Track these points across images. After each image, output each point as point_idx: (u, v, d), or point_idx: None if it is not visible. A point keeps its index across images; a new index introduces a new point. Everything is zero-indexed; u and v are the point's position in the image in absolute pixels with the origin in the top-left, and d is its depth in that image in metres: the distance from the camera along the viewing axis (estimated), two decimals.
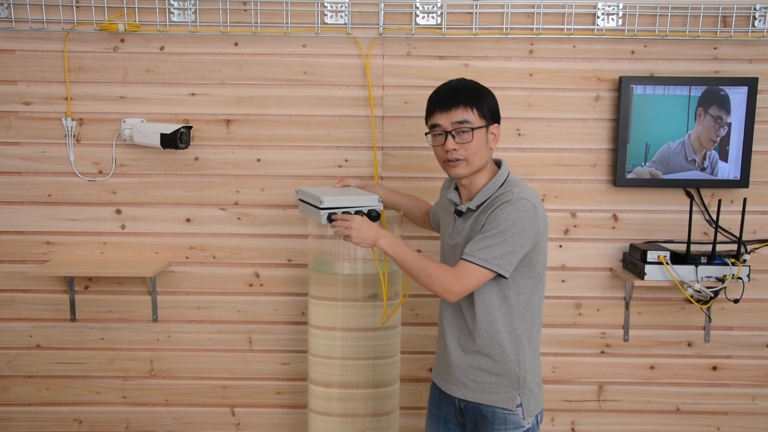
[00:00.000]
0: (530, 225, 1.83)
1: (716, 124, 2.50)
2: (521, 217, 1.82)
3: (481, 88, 1.95)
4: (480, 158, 1.92)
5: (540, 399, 1.97)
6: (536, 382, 1.96)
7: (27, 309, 2.68)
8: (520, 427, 1.91)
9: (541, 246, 1.90)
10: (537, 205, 1.86)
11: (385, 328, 2.38)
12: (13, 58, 2.54)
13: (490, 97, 1.95)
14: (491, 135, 1.94)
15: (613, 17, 2.49)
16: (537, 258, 1.91)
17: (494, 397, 1.92)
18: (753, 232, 2.61)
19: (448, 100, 1.92)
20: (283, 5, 2.49)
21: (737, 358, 2.70)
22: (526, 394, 1.92)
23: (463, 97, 1.91)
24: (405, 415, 2.68)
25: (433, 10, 2.49)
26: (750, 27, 2.50)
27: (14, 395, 2.73)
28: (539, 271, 1.93)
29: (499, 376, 1.92)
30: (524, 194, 1.86)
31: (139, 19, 2.50)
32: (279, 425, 2.75)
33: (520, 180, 1.96)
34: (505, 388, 1.91)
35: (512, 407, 1.91)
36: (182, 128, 2.47)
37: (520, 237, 1.82)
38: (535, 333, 1.96)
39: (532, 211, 1.83)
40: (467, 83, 1.95)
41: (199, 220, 2.63)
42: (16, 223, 2.62)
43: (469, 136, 1.89)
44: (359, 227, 1.95)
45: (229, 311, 2.68)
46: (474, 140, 1.90)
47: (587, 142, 2.58)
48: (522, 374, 1.91)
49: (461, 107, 1.90)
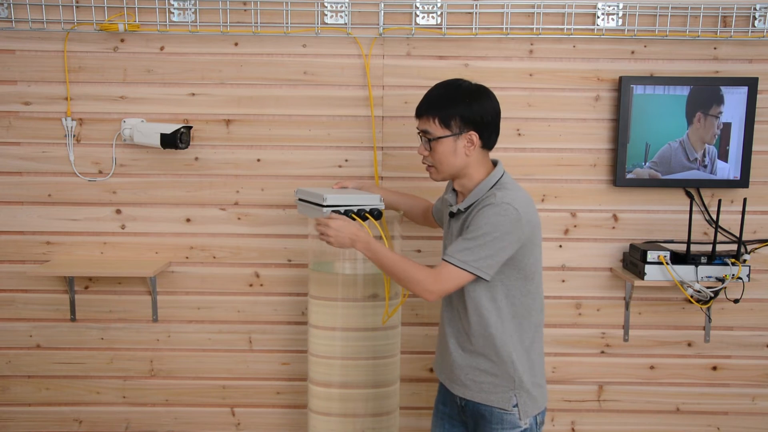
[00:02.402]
0: (512, 229, 1.82)
1: (708, 121, 2.49)
2: (502, 221, 1.81)
3: (457, 95, 1.92)
4: (448, 166, 1.94)
5: (540, 400, 1.97)
6: (534, 383, 1.95)
7: (27, 309, 2.68)
8: (517, 428, 1.92)
9: (529, 249, 1.89)
10: (521, 210, 1.83)
11: (385, 328, 2.38)
12: (13, 58, 2.54)
13: (467, 104, 1.91)
14: (466, 142, 1.92)
15: (613, 17, 2.49)
16: (526, 260, 1.90)
17: (491, 397, 1.93)
18: (753, 232, 2.61)
19: (418, 108, 1.98)
20: (283, 5, 2.49)
21: (737, 358, 2.70)
22: (522, 395, 1.92)
23: (427, 107, 1.94)
24: (405, 415, 2.68)
25: (433, 10, 2.49)
26: (750, 27, 2.50)
27: (14, 395, 2.73)
28: (530, 273, 1.92)
29: (495, 377, 1.93)
30: (508, 198, 1.84)
31: (139, 19, 2.50)
32: (279, 425, 2.75)
33: (512, 183, 1.95)
34: (501, 388, 1.92)
35: (508, 407, 1.91)
36: (182, 128, 2.47)
37: (501, 241, 1.82)
38: (529, 334, 1.95)
39: (514, 215, 1.82)
40: (447, 88, 1.95)
41: (199, 220, 2.63)
42: (16, 223, 2.62)
43: (432, 144, 1.94)
44: (338, 228, 1.96)
45: (229, 311, 2.68)
46: (436, 150, 1.93)
47: (587, 142, 2.58)
48: (516, 375, 1.91)
49: (424, 117, 1.95)
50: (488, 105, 1.94)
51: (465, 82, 1.97)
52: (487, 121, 1.93)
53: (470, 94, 1.93)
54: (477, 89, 1.95)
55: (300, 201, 2.24)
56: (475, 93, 1.94)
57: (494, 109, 1.95)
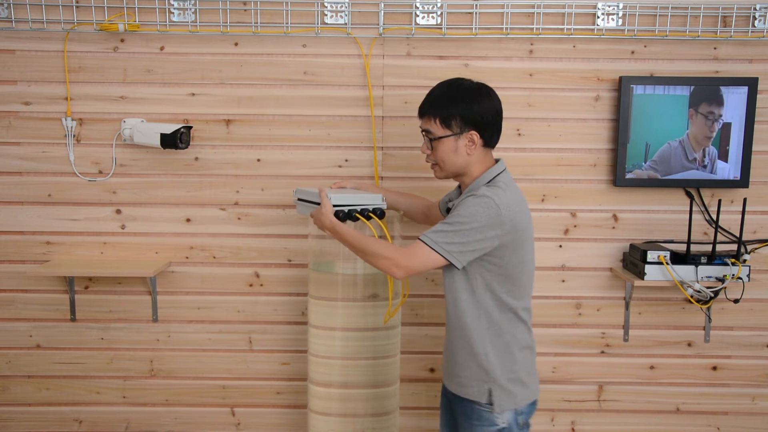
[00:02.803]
0: (490, 223, 1.82)
1: (708, 120, 2.50)
2: (480, 212, 1.82)
3: (458, 95, 1.94)
4: (451, 164, 1.96)
5: (520, 397, 1.95)
6: (510, 378, 1.94)
7: (27, 309, 2.68)
8: (493, 425, 1.93)
9: (511, 249, 1.88)
10: (502, 207, 1.83)
11: (385, 328, 2.38)
12: (13, 58, 2.54)
13: (467, 104, 1.92)
14: (467, 142, 1.94)
15: (613, 17, 2.49)
16: (507, 259, 1.89)
17: (469, 390, 1.96)
18: (753, 232, 2.61)
19: (420, 107, 2.00)
20: (283, 5, 2.49)
21: (737, 358, 2.70)
22: (497, 389, 1.93)
23: (428, 107, 1.96)
24: (405, 415, 2.68)
25: (433, 10, 2.49)
26: (750, 27, 2.50)
27: (14, 395, 2.73)
28: (513, 273, 1.91)
29: (470, 370, 1.95)
30: (492, 193, 1.85)
31: (139, 19, 2.50)
32: (279, 425, 2.75)
33: (507, 182, 1.94)
34: (476, 381, 1.95)
35: (483, 401, 1.93)
36: (182, 128, 2.47)
37: (477, 233, 1.83)
38: (508, 329, 1.94)
39: (493, 210, 1.82)
40: (448, 88, 1.96)
41: (199, 220, 2.63)
42: (16, 223, 2.62)
43: (434, 144, 1.96)
44: (319, 211, 2.05)
45: (229, 311, 2.68)
46: (438, 149, 1.96)
47: (587, 142, 2.58)
48: (490, 367, 1.92)
49: (426, 117, 1.98)
50: (489, 104, 1.95)
51: (466, 81, 1.97)
52: (488, 121, 1.94)
53: (471, 93, 1.94)
54: (478, 89, 1.96)
55: (299, 201, 2.24)
56: (476, 92, 1.95)
57: (495, 108, 1.96)
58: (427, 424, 2.71)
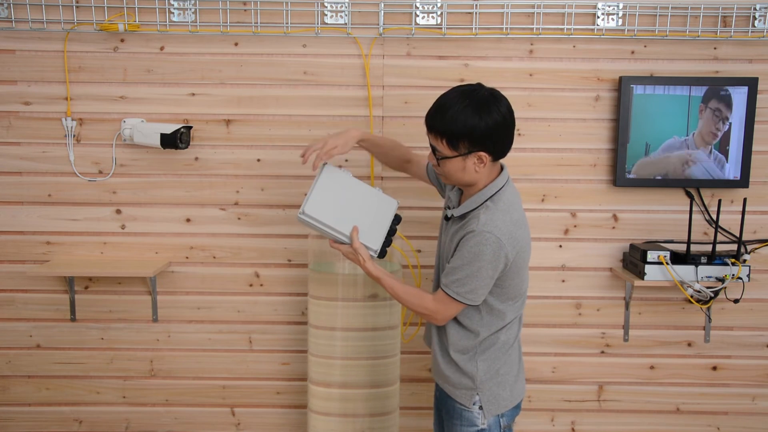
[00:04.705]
0: (496, 256, 1.82)
1: (715, 116, 2.49)
2: (484, 250, 1.81)
3: (466, 113, 1.80)
4: (458, 180, 1.91)
5: (507, 400, 1.95)
6: (499, 382, 1.94)
7: (27, 309, 2.68)
8: (473, 426, 1.93)
9: (514, 270, 1.88)
10: (502, 238, 1.81)
11: (385, 328, 2.38)
12: (13, 58, 2.54)
13: (475, 123, 1.79)
14: (475, 160, 1.84)
15: (613, 17, 2.49)
16: (510, 280, 1.89)
17: (456, 392, 1.97)
18: (753, 232, 2.61)
19: (429, 119, 1.87)
20: (283, 5, 2.49)
21: (737, 358, 2.70)
22: (484, 392, 1.93)
23: (438, 123, 1.84)
24: (405, 415, 2.68)
25: (433, 10, 2.49)
26: (750, 27, 2.50)
27: (14, 395, 2.73)
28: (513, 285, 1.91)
29: (456, 372, 1.95)
30: (490, 225, 1.81)
31: (139, 19, 2.50)
32: (279, 425, 2.75)
33: (507, 200, 1.88)
34: (463, 383, 1.95)
35: (468, 404, 1.94)
36: (182, 128, 2.48)
37: (487, 269, 1.83)
38: (498, 332, 1.94)
39: (495, 243, 1.81)
40: (456, 102, 1.82)
41: (199, 220, 2.63)
42: (16, 223, 2.62)
43: (440, 162, 1.88)
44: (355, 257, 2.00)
45: (229, 311, 2.68)
46: (445, 166, 1.88)
47: (587, 142, 2.58)
48: (475, 371, 1.93)
49: (433, 133, 1.86)
50: (500, 120, 1.82)
51: (476, 93, 1.83)
52: (497, 138, 1.83)
53: (479, 109, 1.80)
54: (486, 103, 1.81)
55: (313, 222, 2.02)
56: (484, 107, 1.80)
57: (506, 123, 1.83)
58: (427, 424, 2.71)
